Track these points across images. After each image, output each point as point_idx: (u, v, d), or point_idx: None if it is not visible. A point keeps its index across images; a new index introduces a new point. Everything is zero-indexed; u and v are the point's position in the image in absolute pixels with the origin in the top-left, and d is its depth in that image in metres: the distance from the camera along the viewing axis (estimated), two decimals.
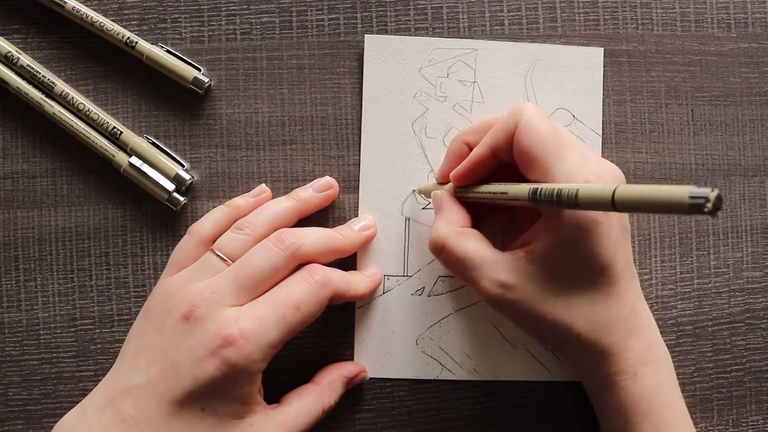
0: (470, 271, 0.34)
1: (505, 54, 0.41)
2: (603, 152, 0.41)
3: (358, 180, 0.41)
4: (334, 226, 0.40)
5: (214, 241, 0.37)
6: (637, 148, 0.42)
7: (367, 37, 0.41)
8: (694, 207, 0.24)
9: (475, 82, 0.41)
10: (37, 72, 0.40)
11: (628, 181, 0.41)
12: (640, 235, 0.42)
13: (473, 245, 0.35)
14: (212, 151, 0.41)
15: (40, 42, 0.41)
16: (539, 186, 0.31)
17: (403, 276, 0.40)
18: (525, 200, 0.32)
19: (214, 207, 0.41)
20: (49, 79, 0.40)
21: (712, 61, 0.42)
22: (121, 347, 0.36)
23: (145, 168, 0.40)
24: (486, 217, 0.39)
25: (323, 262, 0.37)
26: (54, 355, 0.41)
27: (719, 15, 0.42)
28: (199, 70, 0.40)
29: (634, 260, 0.41)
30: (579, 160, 0.32)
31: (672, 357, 0.41)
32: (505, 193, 0.33)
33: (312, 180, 0.41)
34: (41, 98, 0.40)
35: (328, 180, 0.40)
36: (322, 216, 0.41)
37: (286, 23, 0.41)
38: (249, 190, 0.41)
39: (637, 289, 0.36)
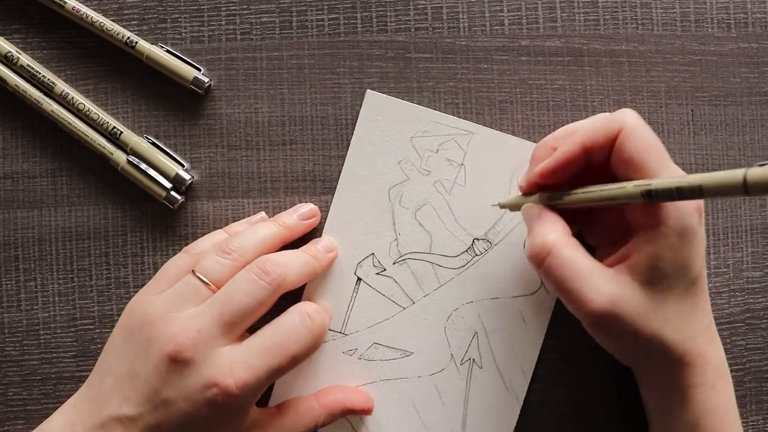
0: (576, 282, 0.32)
1: (499, 144, 0.40)
2: None
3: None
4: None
5: None
6: None
7: (368, 92, 0.40)
8: None
9: (462, 164, 0.40)
10: (37, 72, 0.40)
11: None
12: None
13: (582, 256, 0.33)
14: (212, 151, 0.41)
15: (40, 42, 0.41)
16: (650, 183, 0.30)
17: (340, 333, 0.40)
18: (637, 198, 0.31)
19: (214, 207, 0.41)
20: (49, 79, 0.40)
21: (712, 61, 0.42)
22: None
23: (143, 166, 0.40)
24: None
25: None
26: (54, 355, 0.41)
27: (719, 15, 0.42)
28: (199, 70, 0.40)
29: None
30: (680, 171, 0.33)
31: None
32: (616, 194, 0.32)
33: (311, 182, 0.41)
34: (39, 96, 0.40)
35: (312, 208, 0.40)
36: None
37: (286, 23, 0.41)
38: (249, 191, 0.41)
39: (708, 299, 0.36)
